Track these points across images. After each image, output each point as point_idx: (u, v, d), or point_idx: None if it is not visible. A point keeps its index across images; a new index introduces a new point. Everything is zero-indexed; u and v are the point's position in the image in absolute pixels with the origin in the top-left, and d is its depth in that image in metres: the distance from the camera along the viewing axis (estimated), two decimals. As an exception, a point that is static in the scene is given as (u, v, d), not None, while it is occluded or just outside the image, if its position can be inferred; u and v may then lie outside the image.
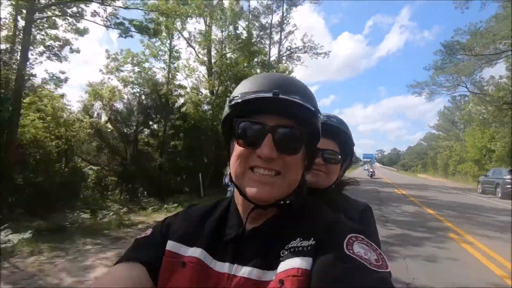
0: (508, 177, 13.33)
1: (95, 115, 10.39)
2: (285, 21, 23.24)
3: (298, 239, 0.50)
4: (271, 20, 23.13)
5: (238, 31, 13.81)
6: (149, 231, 0.63)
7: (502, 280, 3.62)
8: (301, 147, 0.53)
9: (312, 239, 0.49)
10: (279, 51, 22.98)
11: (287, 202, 0.54)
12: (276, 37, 23.37)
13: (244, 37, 13.27)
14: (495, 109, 19.70)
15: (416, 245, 4.97)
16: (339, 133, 0.97)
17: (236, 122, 0.53)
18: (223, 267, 0.52)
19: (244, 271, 0.50)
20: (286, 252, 0.49)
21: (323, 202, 0.68)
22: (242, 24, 15.74)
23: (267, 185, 0.50)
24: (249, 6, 19.78)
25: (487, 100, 20.60)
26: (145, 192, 10.27)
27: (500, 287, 3.45)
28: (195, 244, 0.56)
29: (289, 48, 23.71)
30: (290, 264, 0.47)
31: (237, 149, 0.54)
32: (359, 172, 40.77)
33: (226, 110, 0.56)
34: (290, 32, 23.47)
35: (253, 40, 14.71)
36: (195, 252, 0.55)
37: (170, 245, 0.57)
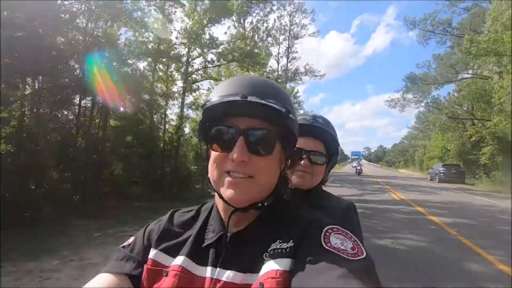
0: (441, 169, 20.90)
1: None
2: (290, 50, 30.30)
3: (278, 241, 0.51)
4: (279, 49, 30.14)
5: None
6: (131, 239, 0.63)
7: (400, 199, 10.42)
8: (273, 148, 0.53)
9: (291, 241, 0.50)
10: (286, 75, 29.72)
11: (265, 204, 0.54)
12: (282, 62, 30.46)
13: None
14: (447, 119, 27.14)
15: (375, 195, 11.75)
16: (324, 134, 0.98)
17: (209, 127, 0.54)
18: (206, 272, 0.52)
19: (227, 275, 0.50)
20: (267, 255, 0.49)
21: (306, 202, 0.76)
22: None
23: (240, 188, 0.50)
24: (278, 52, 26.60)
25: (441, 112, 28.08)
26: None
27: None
28: (178, 252, 0.56)
29: (294, 71, 30.60)
30: (270, 266, 0.47)
31: (212, 154, 0.54)
32: (348, 169, 48.48)
33: (200, 115, 0.56)
34: (294, 58, 30.43)
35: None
36: (177, 260, 0.55)
37: (153, 253, 0.57)
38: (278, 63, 30.14)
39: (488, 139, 19.07)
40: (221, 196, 0.53)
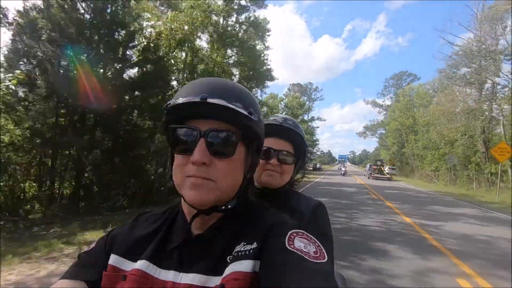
0: (368, 167, 36.93)
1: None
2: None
3: (242, 243, 0.51)
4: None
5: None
6: (93, 245, 0.61)
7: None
8: (235, 149, 0.53)
9: (255, 243, 0.50)
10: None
11: (229, 206, 0.54)
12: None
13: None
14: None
15: (348, 178, 29.34)
16: (294, 135, 1.00)
17: (171, 129, 0.53)
18: (168, 275, 0.51)
19: (190, 278, 0.50)
20: (230, 257, 0.49)
21: (275, 201, 0.77)
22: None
23: (202, 190, 0.50)
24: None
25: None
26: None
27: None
28: (140, 255, 0.55)
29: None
30: (233, 268, 0.47)
31: (175, 157, 0.53)
32: (336, 168, 67.08)
33: (163, 117, 0.55)
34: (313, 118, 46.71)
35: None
36: (138, 264, 0.53)
37: (113, 259, 0.56)
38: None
39: (409, 154, 37.30)
40: (184, 199, 0.52)
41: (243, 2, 15.81)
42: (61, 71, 7.94)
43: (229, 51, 16.01)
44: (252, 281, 0.46)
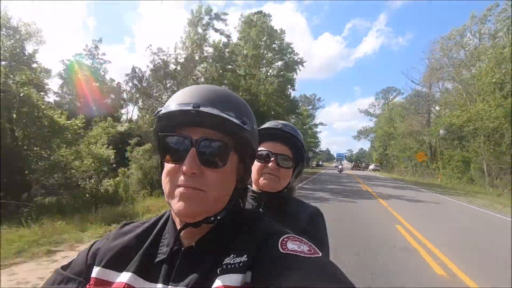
0: (353, 164, 50.59)
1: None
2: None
3: (232, 255, 0.49)
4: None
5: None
6: (73, 258, 0.59)
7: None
8: (227, 159, 0.51)
9: (245, 255, 0.48)
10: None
11: (218, 218, 0.52)
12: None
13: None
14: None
15: (343, 172, 40.62)
16: (293, 140, 1.01)
17: (161, 137, 0.52)
18: None
19: None
20: (219, 270, 0.48)
21: (273, 206, 0.81)
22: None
23: (191, 201, 0.48)
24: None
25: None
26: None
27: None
28: (125, 268, 0.53)
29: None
30: (222, 281, 0.46)
31: (165, 166, 0.52)
32: (334, 165, 78.18)
33: (154, 123, 0.54)
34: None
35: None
36: (124, 277, 0.51)
37: (96, 271, 0.54)
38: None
39: (391, 155, 48.21)
40: (172, 209, 0.51)
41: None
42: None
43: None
44: None
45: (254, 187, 1.02)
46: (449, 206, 10.93)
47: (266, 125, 1.05)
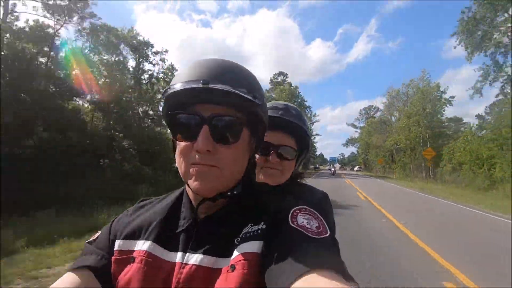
0: (338, 166, 67.06)
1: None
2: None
3: (250, 224, 0.51)
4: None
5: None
6: (97, 234, 0.62)
7: None
8: (239, 135, 0.51)
9: (262, 223, 0.50)
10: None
11: (234, 192, 0.54)
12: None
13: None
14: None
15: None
16: (295, 127, 0.92)
17: (172, 116, 0.52)
18: (176, 257, 0.52)
19: (196, 258, 0.50)
20: (238, 239, 0.49)
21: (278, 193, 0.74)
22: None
23: (207, 178, 0.49)
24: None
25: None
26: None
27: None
28: (144, 237, 0.55)
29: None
30: (242, 249, 0.47)
31: (178, 145, 0.52)
32: (327, 169, 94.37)
33: (163, 103, 0.54)
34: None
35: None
36: (144, 245, 0.54)
37: (118, 244, 0.56)
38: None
39: (370, 159, 64.42)
40: (189, 187, 0.52)
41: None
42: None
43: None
44: (261, 261, 0.46)
45: None
46: (377, 182, 26.98)
47: None
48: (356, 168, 70.74)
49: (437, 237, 5.95)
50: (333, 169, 45.13)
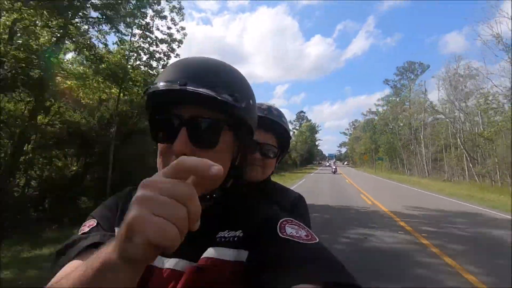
0: (328, 163, 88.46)
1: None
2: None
3: (227, 230, 0.51)
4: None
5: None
6: (91, 222, 0.58)
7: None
8: (218, 139, 0.50)
9: (240, 231, 0.50)
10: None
11: (214, 196, 0.52)
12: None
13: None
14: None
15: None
16: (277, 127, 0.98)
17: (152, 116, 0.51)
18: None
19: (171, 263, 0.49)
20: (213, 243, 0.49)
21: (258, 194, 0.76)
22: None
23: None
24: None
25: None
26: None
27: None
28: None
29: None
30: (214, 253, 0.47)
31: (158, 146, 0.52)
32: (327, 165, 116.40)
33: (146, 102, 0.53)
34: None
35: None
36: None
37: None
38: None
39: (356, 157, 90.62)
40: None
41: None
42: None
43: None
44: (233, 269, 0.46)
45: None
46: (353, 170, 51.55)
47: None
48: (345, 163, 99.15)
49: (368, 187, 16.78)
50: (334, 167, 40.10)
